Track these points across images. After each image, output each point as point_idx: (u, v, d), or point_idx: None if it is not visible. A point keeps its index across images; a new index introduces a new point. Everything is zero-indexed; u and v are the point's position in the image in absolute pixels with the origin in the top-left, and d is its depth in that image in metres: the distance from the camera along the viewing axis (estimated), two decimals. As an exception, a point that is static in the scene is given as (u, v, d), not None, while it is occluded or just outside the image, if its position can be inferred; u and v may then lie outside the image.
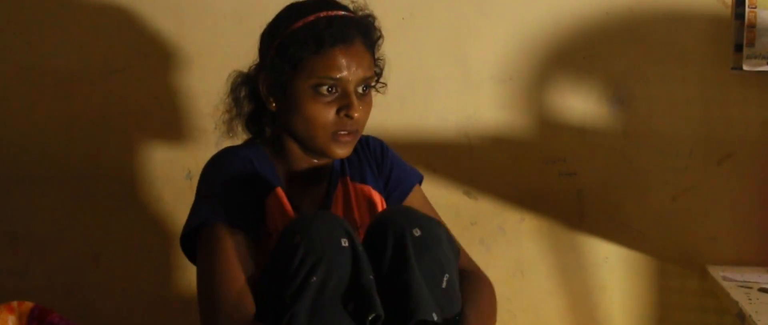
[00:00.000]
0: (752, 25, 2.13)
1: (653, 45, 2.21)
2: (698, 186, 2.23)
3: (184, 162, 2.35)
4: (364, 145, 1.74)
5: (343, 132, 1.58)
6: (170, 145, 2.35)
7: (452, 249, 1.54)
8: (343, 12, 1.60)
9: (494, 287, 1.67)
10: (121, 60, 2.34)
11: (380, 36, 1.66)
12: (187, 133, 2.35)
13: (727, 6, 2.17)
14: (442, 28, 2.27)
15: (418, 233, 1.47)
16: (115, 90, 2.35)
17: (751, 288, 2.00)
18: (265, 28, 1.64)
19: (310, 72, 1.55)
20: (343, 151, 1.60)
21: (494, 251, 2.31)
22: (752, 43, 2.13)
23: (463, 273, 1.58)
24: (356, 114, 1.56)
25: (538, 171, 2.27)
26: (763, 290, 1.99)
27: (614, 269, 2.29)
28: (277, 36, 1.59)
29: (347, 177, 1.70)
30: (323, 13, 1.57)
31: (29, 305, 1.64)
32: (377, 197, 1.71)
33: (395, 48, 1.75)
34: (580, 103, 2.25)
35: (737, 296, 1.94)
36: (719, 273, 2.12)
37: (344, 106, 1.56)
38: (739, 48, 2.14)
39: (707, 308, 2.25)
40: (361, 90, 1.59)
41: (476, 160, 2.30)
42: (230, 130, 1.70)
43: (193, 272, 1.60)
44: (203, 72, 2.30)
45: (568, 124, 2.25)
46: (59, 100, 2.36)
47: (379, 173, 1.74)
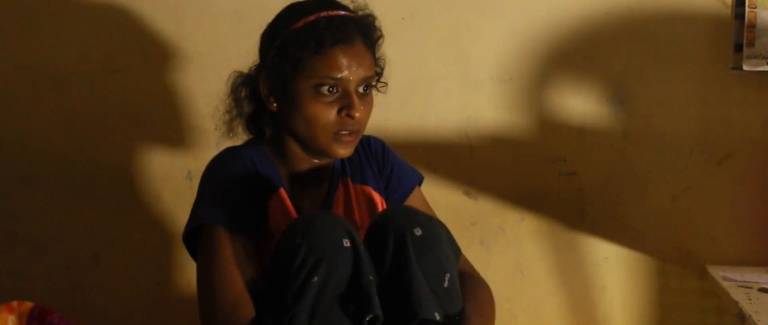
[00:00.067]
0: (752, 25, 2.13)
1: (653, 45, 2.21)
2: (698, 186, 2.23)
3: (184, 162, 2.35)
4: (365, 146, 1.74)
5: (344, 132, 1.58)
6: (170, 145, 2.35)
7: (453, 248, 1.54)
8: (343, 12, 1.60)
9: (494, 287, 1.67)
10: (121, 60, 2.34)
11: (380, 35, 1.66)
12: (187, 133, 2.34)
13: (727, 6, 2.17)
14: (442, 28, 2.27)
15: (419, 232, 1.47)
16: (115, 90, 2.35)
17: (751, 288, 2.00)
18: (265, 29, 1.64)
19: (310, 72, 1.55)
20: (344, 151, 1.59)
21: (494, 251, 2.31)
22: (752, 43, 2.13)
23: (461, 275, 1.58)
24: (357, 114, 1.56)
25: (538, 171, 2.27)
26: (763, 290, 1.99)
27: (614, 269, 2.29)
28: (277, 36, 1.59)
29: (348, 177, 1.70)
30: (324, 13, 1.57)
31: (29, 305, 1.64)
32: (378, 197, 1.71)
33: (395, 48, 1.74)
34: (580, 103, 2.25)
35: (737, 296, 1.94)
36: (719, 273, 2.12)
37: (345, 106, 1.56)
38: (739, 48, 2.14)
39: (707, 308, 2.25)
40: (361, 90, 1.59)
41: (476, 160, 2.29)
42: (230, 131, 1.70)
43: (192, 271, 1.60)
44: (203, 72, 2.30)
45: (568, 124, 2.25)
46: (59, 100, 2.36)
47: (379, 173, 1.73)
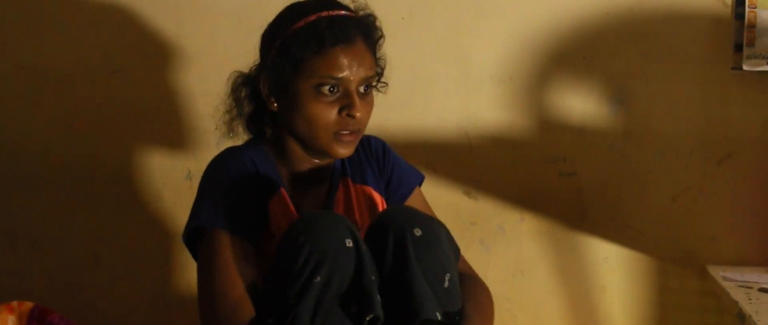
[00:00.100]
0: (752, 25, 2.13)
1: (653, 45, 2.21)
2: (698, 186, 2.23)
3: (184, 162, 2.35)
4: (365, 146, 1.74)
5: (345, 132, 1.58)
6: (170, 145, 2.35)
7: (452, 248, 1.54)
8: (344, 11, 1.60)
9: (494, 287, 1.67)
10: (121, 60, 2.34)
11: (381, 35, 1.66)
12: (187, 133, 2.34)
13: (727, 6, 2.17)
14: (442, 28, 2.27)
15: (418, 232, 1.47)
16: (115, 90, 2.35)
17: (751, 288, 2.00)
18: (266, 29, 1.64)
19: (311, 72, 1.55)
20: (345, 151, 1.59)
21: (494, 251, 2.31)
22: (752, 43, 2.13)
23: (460, 276, 1.58)
24: (358, 113, 1.56)
25: (538, 171, 2.27)
26: (763, 290, 1.99)
27: (614, 269, 2.29)
28: (278, 36, 1.59)
29: (348, 178, 1.70)
30: (324, 13, 1.57)
31: (29, 305, 1.64)
32: (378, 197, 1.71)
33: (395, 48, 1.74)
34: (580, 103, 2.25)
35: (737, 296, 1.94)
36: (719, 273, 2.12)
37: (346, 106, 1.56)
38: (739, 48, 2.14)
39: (707, 308, 2.25)
40: (362, 90, 1.59)
41: (476, 160, 2.29)
42: (231, 131, 1.70)
43: (192, 271, 1.60)
44: (203, 72, 2.30)
45: (568, 124, 2.25)
46: (59, 100, 2.36)
47: (380, 173, 1.73)
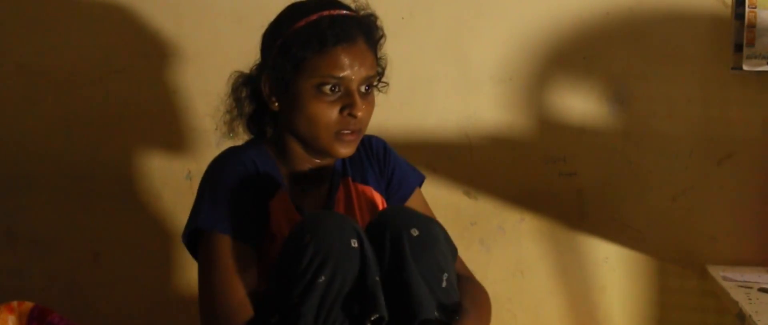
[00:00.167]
0: (752, 25, 2.13)
1: (653, 45, 2.21)
2: (698, 186, 2.23)
3: (184, 162, 2.35)
4: (366, 146, 1.74)
5: (346, 131, 1.57)
6: (170, 145, 2.35)
7: (450, 248, 1.54)
8: (345, 11, 1.60)
9: (494, 286, 1.68)
10: (121, 60, 2.34)
11: (382, 35, 1.65)
12: (186, 133, 2.34)
13: (727, 6, 2.17)
14: (442, 28, 2.27)
15: (416, 232, 1.47)
16: (115, 90, 2.35)
17: (751, 288, 2.00)
18: (266, 28, 1.64)
19: (312, 71, 1.55)
20: (346, 151, 1.59)
21: (494, 251, 2.31)
22: (752, 43, 2.13)
23: (458, 277, 1.58)
24: (360, 113, 1.56)
25: (538, 171, 2.27)
26: (763, 290, 1.99)
27: (614, 269, 2.29)
28: (279, 35, 1.58)
29: (349, 178, 1.70)
30: (326, 12, 1.57)
31: (29, 305, 1.64)
32: (378, 197, 1.71)
33: (395, 48, 1.74)
34: (580, 103, 2.25)
35: (737, 296, 1.94)
36: (719, 273, 2.12)
37: (347, 105, 1.56)
38: (739, 48, 2.14)
39: (707, 308, 2.25)
40: (363, 89, 1.58)
41: (476, 160, 2.29)
42: (231, 131, 1.70)
43: (192, 271, 1.60)
44: (203, 72, 2.30)
45: (568, 124, 2.25)
46: (59, 100, 2.36)
47: (381, 174, 1.73)
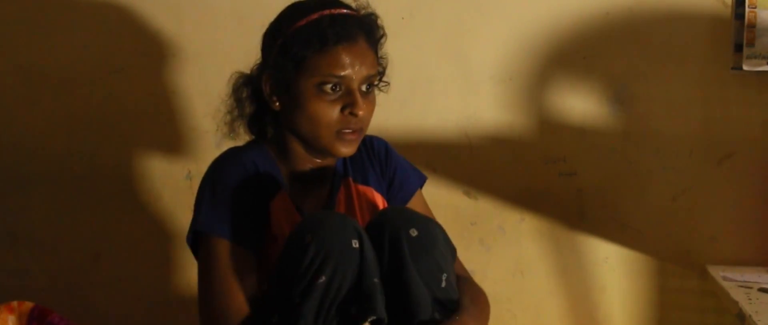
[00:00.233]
0: (752, 25, 2.13)
1: (653, 45, 2.21)
2: (698, 186, 2.23)
3: (184, 162, 2.35)
4: (367, 146, 1.74)
5: (347, 130, 1.57)
6: (170, 145, 2.35)
7: (449, 249, 1.54)
8: (346, 10, 1.60)
9: (494, 287, 1.68)
10: (120, 60, 2.34)
11: (383, 34, 1.65)
12: (186, 133, 2.34)
13: (727, 6, 2.17)
14: (442, 28, 2.27)
15: (415, 233, 1.47)
16: (115, 90, 2.35)
17: (751, 288, 2.00)
18: (267, 28, 1.64)
19: (314, 70, 1.55)
20: (347, 150, 1.59)
21: (494, 251, 2.31)
22: (752, 43, 2.13)
23: (457, 279, 1.58)
24: (361, 112, 1.55)
25: (538, 171, 2.27)
26: (763, 290, 1.99)
27: (614, 269, 2.29)
28: (280, 35, 1.58)
29: (350, 178, 1.70)
30: (327, 12, 1.57)
31: (29, 305, 1.65)
32: (379, 199, 1.71)
33: (395, 48, 1.74)
34: (580, 103, 2.25)
35: (737, 296, 1.94)
36: (719, 273, 2.12)
37: (349, 104, 1.55)
38: (739, 48, 2.15)
39: (707, 308, 2.25)
40: (364, 88, 1.58)
41: (476, 160, 2.29)
42: (232, 132, 1.70)
43: (192, 271, 1.60)
44: (203, 72, 2.30)
45: (568, 124, 2.25)
46: (59, 100, 2.36)
47: (382, 175, 1.73)
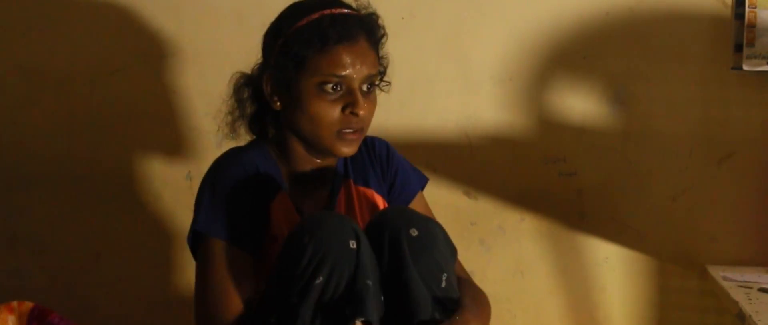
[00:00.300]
0: (752, 25, 2.13)
1: (653, 45, 2.21)
2: (698, 186, 2.23)
3: (184, 162, 2.35)
4: (369, 147, 1.73)
5: (348, 130, 1.57)
6: (170, 145, 2.35)
7: (449, 248, 1.54)
8: (346, 10, 1.60)
9: (494, 287, 1.68)
10: (120, 60, 2.34)
11: (384, 34, 1.65)
12: (186, 134, 2.34)
13: (727, 6, 2.17)
14: (442, 28, 2.27)
15: (415, 232, 1.47)
16: (114, 90, 2.35)
17: (751, 288, 2.00)
18: (268, 28, 1.64)
19: (314, 70, 1.55)
20: (348, 150, 1.59)
21: (494, 251, 2.31)
22: (752, 43, 2.13)
23: (458, 280, 1.58)
24: (362, 111, 1.55)
25: (538, 171, 2.27)
26: (763, 290, 1.99)
27: (614, 269, 2.29)
28: (281, 35, 1.58)
29: (350, 180, 1.70)
30: (327, 11, 1.56)
31: (29, 305, 1.65)
32: (380, 200, 1.71)
33: (395, 48, 1.74)
34: (580, 103, 2.25)
35: (737, 296, 1.94)
36: (719, 273, 2.12)
37: (349, 104, 1.55)
38: (739, 48, 2.14)
39: (707, 308, 2.25)
40: (365, 88, 1.58)
41: (476, 160, 2.29)
42: (233, 132, 1.69)
43: (193, 271, 1.60)
44: (203, 72, 2.30)
45: (568, 124, 2.25)
46: (59, 100, 2.36)
47: (383, 176, 1.73)
